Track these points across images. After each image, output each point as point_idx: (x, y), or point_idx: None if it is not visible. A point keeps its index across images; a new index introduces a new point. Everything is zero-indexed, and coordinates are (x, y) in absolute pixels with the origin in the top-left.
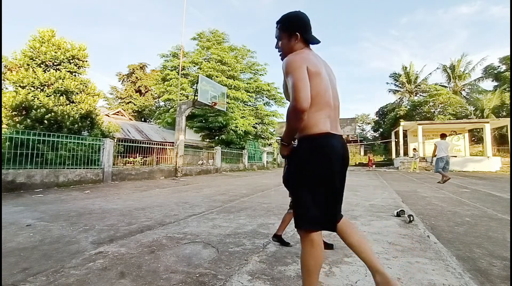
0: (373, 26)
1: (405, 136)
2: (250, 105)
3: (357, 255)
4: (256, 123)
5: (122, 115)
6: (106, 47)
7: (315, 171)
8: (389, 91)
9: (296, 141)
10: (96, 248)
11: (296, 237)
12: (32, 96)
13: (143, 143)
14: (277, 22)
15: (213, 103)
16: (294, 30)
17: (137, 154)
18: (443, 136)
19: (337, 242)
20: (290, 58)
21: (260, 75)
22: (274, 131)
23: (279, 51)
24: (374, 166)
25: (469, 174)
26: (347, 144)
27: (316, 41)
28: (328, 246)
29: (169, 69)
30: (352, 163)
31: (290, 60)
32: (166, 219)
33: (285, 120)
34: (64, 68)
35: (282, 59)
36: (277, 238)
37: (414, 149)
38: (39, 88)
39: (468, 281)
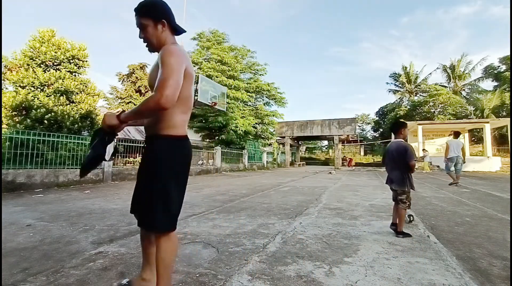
0: (373, 26)
1: None
2: (250, 105)
3: (150, 264)
4: (256, 123)
5: None
6: (106, 47)
7: (183, 171)
8: (389, 91)
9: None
10: (96, 248)
11: (296, 237)
12: (32, 96)
13: (143, 143)
14: (137, 10)
15: (213, 103)
16: (159, 17)
17: (137, 154)
18: (456, 134)
19: (337, 242)
20: (175, 51)
21: (260, 75)
22: (274, 131)
23: (144, 41)
24: (353, 166)
25: (469, 174)
26: (347, 144)
27: (183, 31)
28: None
29: None
30: (352, 163)
31: (174, 54)
32: None
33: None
34: (64, 68)
35: (150, 51)
36: (395, 226)
37: (424, 149)
38: (39, 88)
39: (468, 281)
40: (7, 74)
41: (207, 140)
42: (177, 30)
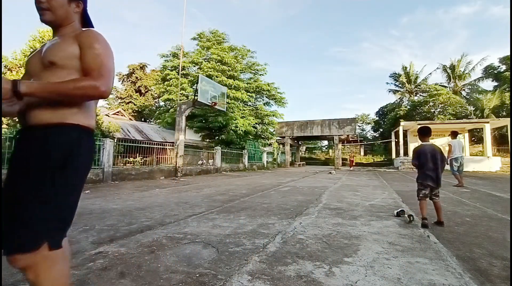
0: (373, 26)
1: (405, 136)
2: (250, 105)
3: None
4: (256, 123)
5: (122, 115)
6: None
7: (87, 171)
8: (389, 91)
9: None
10: (96, 248)
11: (296, 237)
12: None
13: (143, 143)
14: None
15: (213, 103)
16: None
17: (137, 154)
18: (454, 134)
19: (337, 242)
20: (104, 40)
21: (260, 75)
22: (274, 131)
23: (42, 5)
24: (352, 167)
25: (469, 174)
26: (348, 143)
27: (91, 25)
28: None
29: (169, 69)
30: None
31: (106, 43)
32: (166, 219)
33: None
34: None
35: (44, 20)
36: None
37: None
38: None
39: (468, 281)
40: (7, 74)
41: (207, 140)
42: (87, 22)
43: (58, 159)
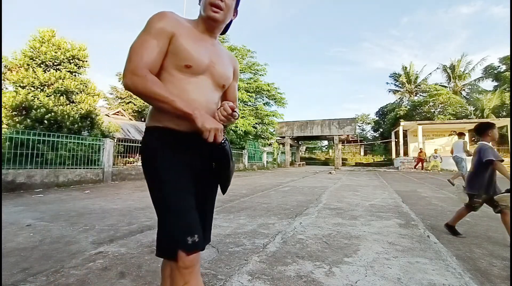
0: (373, 26)
1: (405, 136)
2: (250, 105)
3: None
4: (256, 123)
5: (122, 115)
6: (106, 47)
7: None
8: (389, 91)
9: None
10: (96, 248)
11: (296, 237)
12: (32, 96)
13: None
14: None
15: None
16: (236, 8)
17: (137, 154)
18: (460, 134)
19: (337, 242)
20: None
21: (260, 75)
22: (274, 131)
23: (219, 12)
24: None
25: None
26: (348, 144)
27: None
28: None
29: None
30: (352, 163)
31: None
32: None
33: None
34: (64, 68)
35: (213, 16)
36: (448, 227)
37: (436, 150)
38: (39, 88)
39: (468, 281)
40: (7, 74)
41: None
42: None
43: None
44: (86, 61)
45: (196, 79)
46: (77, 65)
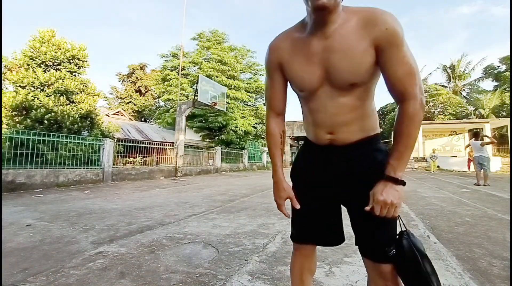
0: None
1: None
2: (250, 105)
3: None
4: (256, 123)
5: (122, 115)
6: (106, 47)
7: None
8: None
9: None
10: (96, 248)
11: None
12: (32, 96)
13: (143, 143)
14: None
15: (213, 103)
16: None
17: (137, 154)
18: (476, 135)
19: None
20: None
21: (260, 75)
22: None
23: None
24: None
25: (469, 174)
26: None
27: None
28: None
29: (169, 69)
30: None
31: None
32: (166, 219)
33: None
34: (64, 68)
35: (321, 13)
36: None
37: (434, 149)
38: (39, 88)
39: (468, 281)
40: (7, 74)
41: (207, 140)
42: None
43: None
44: (86, 61)
45: (316, 95)
46: (77, 65)
